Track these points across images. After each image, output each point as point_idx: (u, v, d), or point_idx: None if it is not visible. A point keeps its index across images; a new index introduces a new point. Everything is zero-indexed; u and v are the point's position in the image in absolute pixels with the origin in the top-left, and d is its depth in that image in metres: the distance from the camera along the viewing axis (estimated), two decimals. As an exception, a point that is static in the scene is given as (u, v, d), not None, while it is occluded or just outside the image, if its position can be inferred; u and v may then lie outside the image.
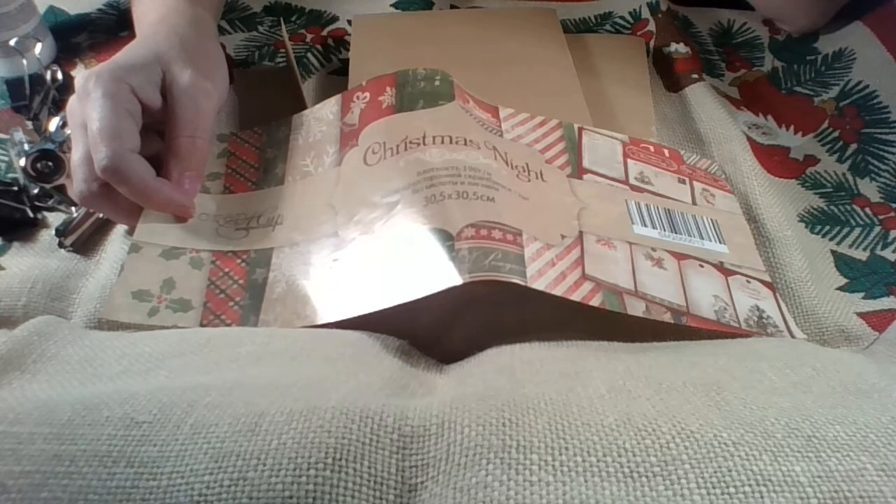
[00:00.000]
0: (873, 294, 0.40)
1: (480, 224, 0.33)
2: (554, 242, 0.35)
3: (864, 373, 0.28)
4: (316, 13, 0.59)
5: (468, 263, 0.31)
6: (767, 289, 0.38)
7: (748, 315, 0.36)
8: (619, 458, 0.22)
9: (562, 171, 0.40)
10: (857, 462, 0.22)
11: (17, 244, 0.41)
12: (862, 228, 0.44)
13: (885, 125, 0.49)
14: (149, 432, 0.23)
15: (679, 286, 0.36)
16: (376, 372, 0.29)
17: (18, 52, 0.49)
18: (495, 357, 0.31)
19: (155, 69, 0.39)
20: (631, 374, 0.28)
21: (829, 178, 0.48)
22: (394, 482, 0.23)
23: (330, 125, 0.42)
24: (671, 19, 0.59)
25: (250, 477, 0.21)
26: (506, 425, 0.23)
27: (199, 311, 0.35)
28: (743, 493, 0.21)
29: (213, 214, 0.40)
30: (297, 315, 0.34)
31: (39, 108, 0.48)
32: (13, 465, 0.22)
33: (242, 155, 0.44)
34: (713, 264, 0.38)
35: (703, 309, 0.35)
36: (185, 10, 0.44)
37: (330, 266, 0.35)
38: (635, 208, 0.39)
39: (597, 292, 0.33)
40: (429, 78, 0.41)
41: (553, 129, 0.43)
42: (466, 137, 0.38)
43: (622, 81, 0.52)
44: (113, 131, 0.35)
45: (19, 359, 0.28)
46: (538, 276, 0.32)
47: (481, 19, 0.55)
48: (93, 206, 0.38)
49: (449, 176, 0.36)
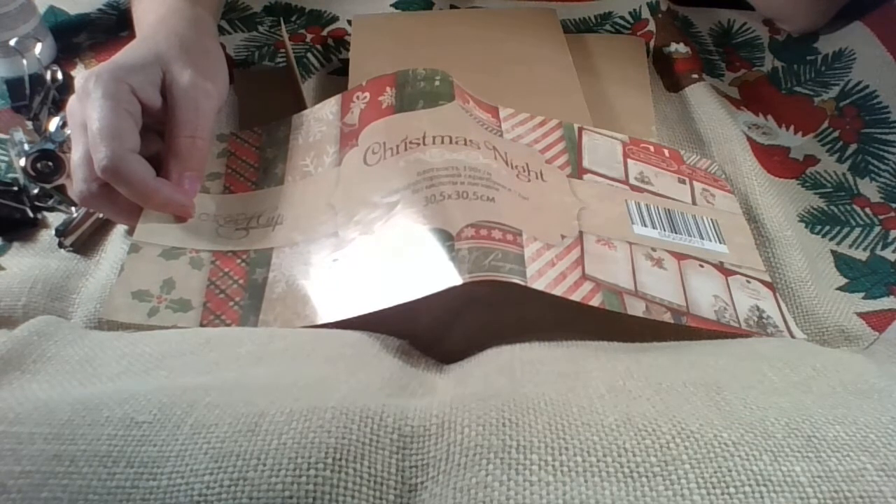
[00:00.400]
0: (873, 294, 0.40)
1: (480, 224, 0.33)
2: (554, 242, 0.35)
3: (864, 373, 0.28)
4: (316, 13, 0.59)
5: (468, 263, 0.31)
6: (767, 289, 0.38)
7: (748, 315, 0.36)
8: (619, 458, 0.22)
9: (562, 171, 0.40)
10: (858, 462, 0.22)
11: (17, 244, 0.41)
12: (862, 228, 0.44)
13: (885, 125, 0.49)
14: (149, 432, 0.23)
15: (679, 286, 0.36)
16: (376, 372, 0.29)
17: (18, 52, 0.49)
18: (495, 357, 0.31)
19: (155, 69, 0.39)
20: (631, 374, 0.28)
21: (829, 178, 0.48)
22: (394, 482, 0.23)
23: (330, 125, 0.42)
24: (671, 19, 0.59)
25: (250, 477, 0.21)
26: (506, 425, 0.23)
27: (199, 312, 0.35)
28: (743, 493, 0.21)
29: (213, 214, 0.40)
30: (297, 315, 0.34)
31: (39, 108, 0.48)
32: (13, 465, 0.22)
33: (242, 155, 0.44)
34: (713, 264, 0.38)
35: (703, 309, 0.35)
36: (185, 11, 0.44)
37: (330, 266, 0.35)
38: (635, 208, 0.39)
39: (597, 292, 0.33)
40: (429, 78, 0.41)
41: (553, 130, 0.43)
42: (466, 137, 0.38)
43: (622, 81, 0.52)
44: (113, 131, 0.35)
45: (19, 359, 0.28)
46: (538, 276, 0.32)
47: (481, 19, 0.55)
48: (93, 207, 0.39)
49: (449, 176, 0.36)
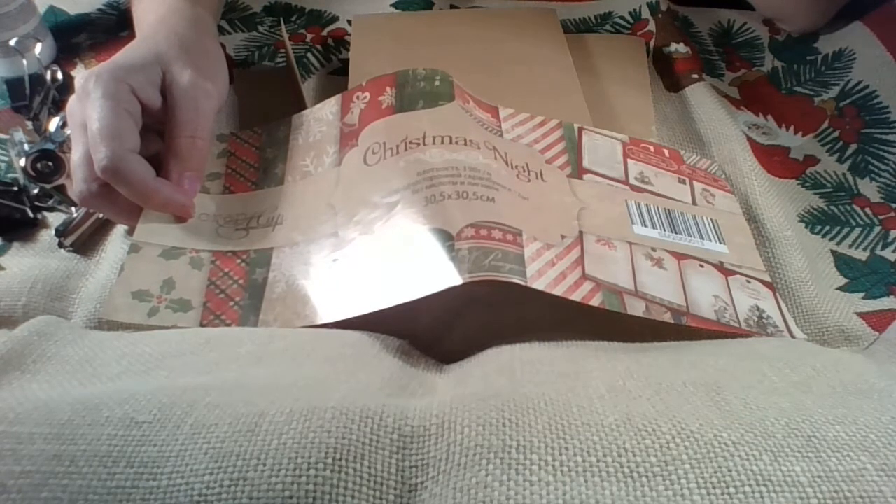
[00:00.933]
0: (873, 294, 0.40)
1: (480, 224, 0.33)
2: (554, 242, 0.35)
3: (864, 373, 0.28)
4: (316, 13, 0.59)
5: (468, 263, 0.31)
6: (767, 289, 0.38)
7: (748, 315, 0.36)
8: (619, 458, 0.22)
9: (562, 171, 0.40)
10: (858, 462, 0.22)
11: (17, 244, 0.41)
12: (862, 228, 0.44)
13: (885, 125, 0.49)
14: (149, 432, 0.23)
15: (679, 286, 0.35)
16: (376, 372, 0.29)
17: (18, 52, 0.49)
18: (495, 357, 0.31)
19: (155, 69, 0.39)
20: (631, 374, 0.28)
21: (829, 178, 0.48)
22: (394, 482, 0.23)
23: (330, 125, 0.42)
24: (671, 19, 0.59)
25: (250, 477, 0.21)
26: (506, 425, 0.23)
27: (199, 312, 0.35)
28: (743, 493, 0.21)
29: (213, 214, 0.40)
30: (297, 315, 0.34)
31: (39, 108, 0.48)
32: (13, 465, 0.22)
33: (242, 155, 0.44)
34: (713, 264, 0.38)
35: (703, 309, 0.35)
36: (185, 11, 0.44)
37: (330, 266, 0.35)
38: (635, 208, 0.39)
39: (597, 292, 0.33)
40: (428, 78, 0.41)
41: (553, 130, 0.43)
42: (466, 137, 0.38)
43: (622, 82, 0.52)
44: (112, 132, 0.35)
45: (19, 359, 0.28)
46: (538, 276, 0.32)
47: (481, 19, 0.55)
48: (92, 207, 0.39)
49: (449, 176, 0.36)
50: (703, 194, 0.43)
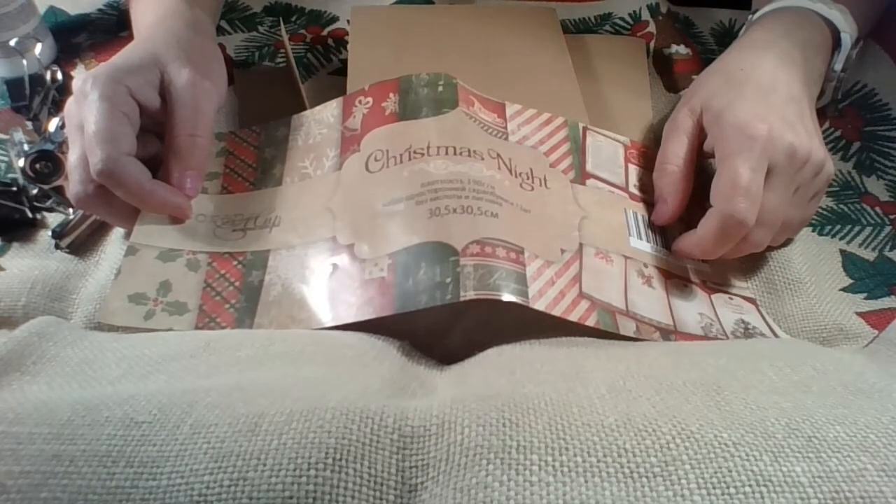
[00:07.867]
0: (875, 294, 0.40)
1: (485, 241, 0.33)
2: (553, 259, 0.35)
3: (864, 373, 0.28)
4: (316, 13, 0.59)
5: (473, 280, 0.31)
6: (750, 304, 0.38)
7: (734, 328, 0.36)
8: (620, 458, 0.22)
9: (565, 175, 0.40)
10: (858, 462, 0.22)
11: (16, 245, 0.41)
12: (872, 228, 0.44)
13: (887, 122, 0.49)
14: (148, 432, 0.23)
15: (666, 306, 0.36)
16: (376, 373, 0.29)
17: (18, 52, 0.49)
18: (495, 357, 0.31)
19: (153, 70, 0.39)
20: (631, 374, 0.28)
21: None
22: (394, 482, 0.23)
23: (331, 128, 0.42)
24: (671, 21, 0.59)
25: (250, 477, 0.21)
26: (506, 425, 0.23)
27: (195, 314, 0.35)
28: (743, 493, 0.21)
29: (211, 215, 0.40)
30: (293, 319, 0.34)
31: (39, 109, 0.48)
32: (13, 465, 0.22)
33: (240, 154, 0.44)
34: (696, 283, 0.38)
35: (689, 326, 0.35)
36: (183, 12, 0.44)
37: (327, 271, 0.35)
38: (633, 219, 0.40)
39: (592, 311, 0.33)
40: (432, 84, 0.41)
41: (558, 129, 0.43)
42: (471, 148, 0.38)
43: (622, 83, 0.52)
44: (108, 134, 0.35)
45: (19, 360, 0.28)
46: (539, 297, 0.32)
47: (481, 16, 0.55)
48: (88, 209, 0.38)
49: (453, 189, 0.36)
50: None
